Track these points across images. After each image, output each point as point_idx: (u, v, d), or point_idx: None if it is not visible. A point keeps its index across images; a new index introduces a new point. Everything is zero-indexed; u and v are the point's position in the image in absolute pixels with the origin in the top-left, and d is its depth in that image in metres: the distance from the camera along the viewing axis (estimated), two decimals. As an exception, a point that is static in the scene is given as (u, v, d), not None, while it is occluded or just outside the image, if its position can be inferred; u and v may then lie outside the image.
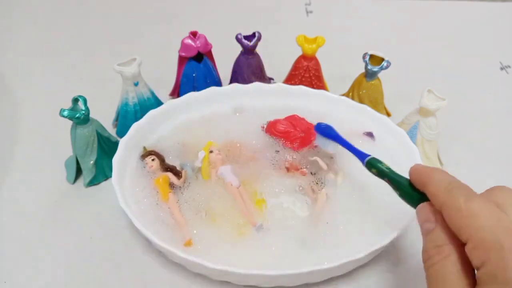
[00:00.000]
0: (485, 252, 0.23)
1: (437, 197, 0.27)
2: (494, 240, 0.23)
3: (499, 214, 0.24)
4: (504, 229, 0.23)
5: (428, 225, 0.27)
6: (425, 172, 0.29)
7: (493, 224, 0.24)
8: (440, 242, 0.26)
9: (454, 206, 0.25)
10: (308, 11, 0.77)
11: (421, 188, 0.29)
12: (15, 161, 0.49)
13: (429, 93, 0.44)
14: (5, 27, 0.72)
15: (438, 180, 0.28)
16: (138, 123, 0.45)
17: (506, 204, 0.25)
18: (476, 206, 0.25)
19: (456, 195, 0.26)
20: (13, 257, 0.40)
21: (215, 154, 0.43)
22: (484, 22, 0.76)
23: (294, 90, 0.50)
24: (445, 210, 0.26)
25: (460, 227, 0.25)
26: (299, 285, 0.36)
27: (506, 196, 0.26)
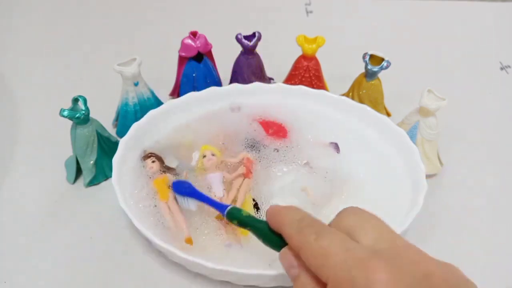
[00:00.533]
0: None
1: (291, 239, 0.27)
2: (347, 277, 0.23)
3: (348, 245, 0.24)
4: (354, 261, 0.23)
5: (293, 271, 0.27)
6: (278, 212, 0.29)
7: (344, 259, 0.23)
8: (307, 286, 0.25)
9: (307, 246, 0.25)
10: (308, 11, 0.77)
11: (278, 231, 0.29)
12: (15, 161, 0.49)
13: (429, 93, 0.44)
14: (5, 27, 0.72)
15: (290, 220, 0.27)
16: (138, 123, 0.45)
17: (356, 227, 0.25)
18: (325, 243, 0.24)
19: (307, 234, 0.26)
20: (13, 257, 0.40)
21: (207, 160, 0.43)
22: (484, 22, 0.76)
23: (294, 90, 0.50)
24: (300, 251, 0.26)
25: (317, 268, 0.25)
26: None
27: (354, 220, 0.26)
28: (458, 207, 0.45)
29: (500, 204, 0.46)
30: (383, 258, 0.23)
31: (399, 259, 0.23)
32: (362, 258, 0.23)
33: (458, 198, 0.46)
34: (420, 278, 0.22)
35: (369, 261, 0.23)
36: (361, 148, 0.46)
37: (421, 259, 0.24)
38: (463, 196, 0.46)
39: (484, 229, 0.43)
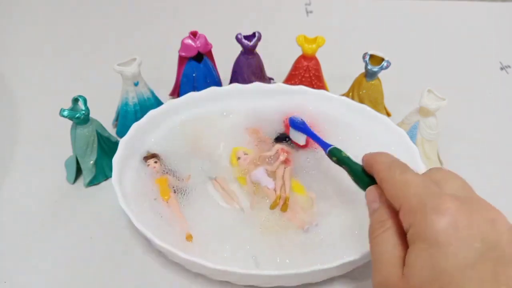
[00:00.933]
0: (412, 214, 0.25)
1: (379, 173, 0.30)
2: (419, 203, 0.25)
3: (428, 183, 0.26)
4: (430, 193, 0.25)
5: (374, 205, 0.29)
6: (373, 155, 0.32)
7: (421, 191, 0.26)
8: (383, 218, 0.28)
9: (391, 178, 0.28)
10: (308, 11, 0.77)
11: (369, 169, 0.31)
12: (15, 161, 0.49)
13: (429, 93, 0.44)
14: (5, 27, 0.72)
15: (382, 160, 0.30)
16: (138, 123, 0.45)
17: (440, 180, 0.27)
18: (408, 177, 0.27)
19: (393, 169, 0.28)
20: (13, 257, 0.40)
21: (242, 160, 0.43)
22: (484, 22, 0.76)
23: (294, 90, 0.50)
24: (384, 183, 0.29)
25: (394, 196, 0.27)
26: (299, 285, 0.36)
27: (441, 175, 0.28)
28: (458, 207, 0.45)
29: (500, 204, 0.45)
30: (457, 198, 0.25)
31: (472, 203, 0.25)
32: (437, 192, 0.25)
33: (458, 198, 0.46)
34: (487, 221, 0.24)
35: (443, 195, 0.25)
36: (361, 148, 0.46)
37: (493, 210, 0.25)
38: (463, 196, 0.46)
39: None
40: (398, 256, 0.25)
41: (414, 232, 0.24)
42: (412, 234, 0.25)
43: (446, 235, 0.23)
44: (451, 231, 0.23)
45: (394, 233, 0.26)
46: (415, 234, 0.24)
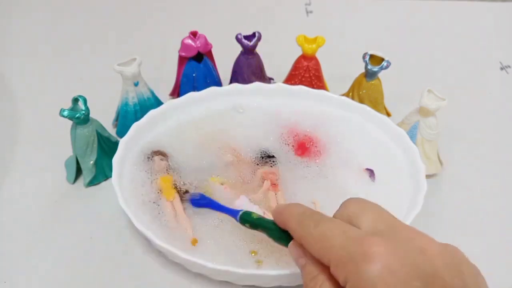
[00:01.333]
0: (343, 268, 0.24)
1: (294, 232, 0.28)
2: (346, 254, 0.24)
3: (344, 227, 0.25)
4: (351, 240, 0.24)
5: (301, 261, 0.28)
6: (283, 209, 0.30)
7: (342, 240, 0.25)
8: (314, 274, 0.26)
9: (308, 235, 0.27)
10: (308, 11, 0.77)
11: (284, 227, 0.30)
12: (15, 161, 0.49)
13: (429, 93, 0.44)
14: (5, 27, 0.72)
15: (293, 215, 0.29)
16: (138, 123, 0.45)
17: (356, 214, 0.27)
18: (324, 228, 0.26)
19: (307, 224, 0.27)
20: (13, 257, 0.40)
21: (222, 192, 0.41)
22: (484, 22, 0.76)
23: (294, 90, 0.50)
24: (303, 241, 0.27)
25: (319, 253, 0.26)
26: (299, 285, 0.36)
27: (355, 207, 0.27)
28: (458, 207, 0.45)
29: (500, 204, 0.46)
30: (379, 235, 0.24)
31: (395, 236, 0.24)
32: (359, 236, 0.24)
33: (458, 198, 0.46)
34: (417, 252, 0.23)
35: (366, 238, 0.24)
36: (361, 148, 0.46)
37: (417, 236, 0.25)
38: (463, 196, 0.46)
39: (485, 229, 0.43)
40: None
41: (352, 286, 0.23)
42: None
43: (383, 282, 0.22)
44: (387, 276, 0.22)
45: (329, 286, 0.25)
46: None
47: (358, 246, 0.23)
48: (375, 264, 0.22)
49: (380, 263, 0.22)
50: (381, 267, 0.22)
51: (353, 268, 0.23)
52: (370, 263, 0.22)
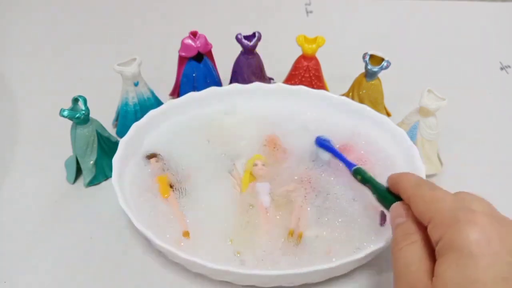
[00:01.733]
0: (443, 227, 0.25)
1: (407, 190, 0.30)
2: (451, 216, 0.25)
3: (459, 199, 0.27)
4: (462, 208, 0.26)
5: (399, 220, 0.30)
6: (400, 174, 0.33)
7: (453, 205, 0.26)
8: (409, 231, 0.28)
9: (420, 194, 0.29)
10: (308, 11, 0.77)
11: (395, 187, 0.32)
12: (15, 161, 0.49)
13: (429, 93, 0.44)
14: (5, 27, 0.72)
15: (409, 178, 0.31)
16: (138, 123, 0.45)
17: (468, 200, 0.28)
18: (438, 193, 0.28)
19: (423, 186, 0.29)
20: (13, 257, 0.40)
21: (258, 169, 0.43)
22: (484, 22, 0.76)
23: (294, 90, 0.50)
24: (412, 200, 0.29)
25: (424, 211, 0.27)
26: (299, 285, 0.36)
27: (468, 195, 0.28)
28: (458, 207, 0.45)
29: (500, 204, 0.45)
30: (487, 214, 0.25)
31: (499, 220, 0.26)
32: (470, 208, 0.26)
33: (458, 198, 0.46)
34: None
35: (475, 211, 0.25)
36: (361, 148, 0.46)
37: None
38: (463, 196, 0.46)
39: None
40: (425, 269, 0.26)
41: (445, 243, 0.25)
42: (442, 246, 0.25)
43: (479, 247, 0.23)
44: (484, 243, 0.23)
45: (421, 246, 0.27)
46: (446, 245, 0.25)
47: (466, 213, 0.25)
48: (477, 230, 0.24)
49: (481, 231, 0.24)
50: (481, 235, 0.24)
51: (453, 228, 0.24)
52: (473, 228, 0.24)
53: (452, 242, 0.24)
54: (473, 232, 0.24)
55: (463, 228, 0.24)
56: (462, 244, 0.24)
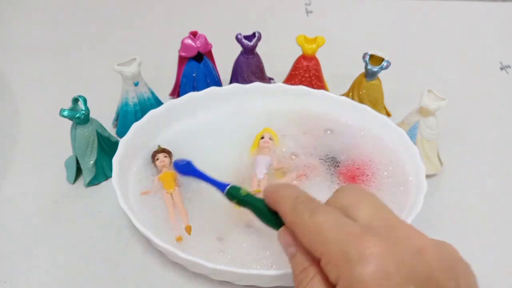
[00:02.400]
0: (336, 266, 0.23)
1: (286, 217, 0.27)
2: (340, 252, 0.23)
3: (341, 221, 0.24)
4: (347, 236, 0.23)
5: (290, 250, 0.27)
6: (275, 189, 0.29)
7: (337, 234, 0.23)
8: (304, 265, 0.25)
9: (301, 223, 0.25)
10: (308, 11, 0.77)
11: (274, 209, 0.28)
12: (15, 161, 0.49)
13: (429, 93, 0.44)
14: (5, 27, 0.72)
15: (286, 198, 0.27)
16: (138, 123, 0.45)
17: (352, 204, 0.25)
18: (319, 219, 0.24)
19: (301, 211, 0.26)
20: (13, 257, 0.40)
21: (263, 141, 0.45)
22: (484, 22, 0.76)
23: (294, 90, 0.50)
24: (295, 229, 0.26)
25: (311, 244, 0.25)
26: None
27: (352, 197, 0.26)
28: (458, 207, 0.45)
29: (500, 204, 0.46)
30: (376, 233, 0.23)
31: (392, 234, 0.24)
32: (355, 233, 0.23)
33: (458, 198, 0.46)
34: (413, 253, 0.22)
35: (362, 236, 0.23)
36: (361, 148, 0.46)
37: (415, 235, 0.24)
38: (463, 196, 0.46)
39: (484, 229, 0.43)
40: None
41: (344, 285, 0.22)
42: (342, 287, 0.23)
43: (378, 285, 0.21)
44: (381, 279, 0.21)
45: (320, 282, 0.24)
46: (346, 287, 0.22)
47: (354, 245, 0.22)
48: (369, 267, 0.21)
49: (375, 266, 0.22)
50: (375, 270, 0.21)
51: (346, 268, 0.22)
52: (365, 265, 0.22)
53: (351, 285, 0.22)
54: (367, 270, 0.21)
55: (355, 268, 0.22)
56: (361, 286, 0.21)
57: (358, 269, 0.22)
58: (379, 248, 0.22)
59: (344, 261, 0.22)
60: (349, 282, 0.22)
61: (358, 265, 0.22)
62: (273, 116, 0.49)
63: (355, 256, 0.22)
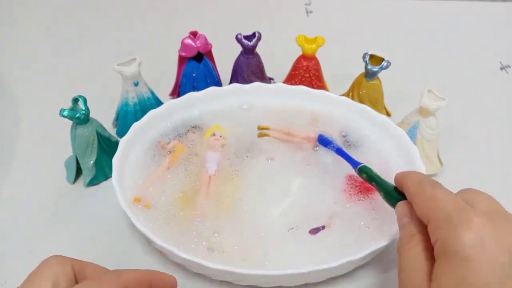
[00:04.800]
0: (439, 229, 0.25)
1: (409, 189, 0.30)
2: (447, 217, 0.25)
3: (457, 199, 0.27)
4: (457, 209, 0.26)
5: (404, 220, 0.30)
6: (405, 173, 0.33)
7: (449, 206, 0.26)
8: (412, 232, 0.28)
9: (421, 194, 0.29)
10: (308, 11, 0.77)
11: (400, 186, 0.32)
12: (15, 161, 0.49)
13: (429, 93, 0.44)
14: (5, 26, 0.72)
15: (413, 177, 0.31)
16: (138, 123, 0.45)
17: (472, 199, 0.28)
18: (438, 193, 0.28)
19: (424, 185, 0.29)
20: (13, 257, 0.40)
21: (213, 139, 0.46)
22: (484, 22, 0.76)
23: (294, 90, 0.50)
24: (414, 198, 0.29)
25: (424, 211, 0.28)
26: (299, 285, 0.36)
27: (474, 194, 0.28)
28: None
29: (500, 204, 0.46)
30: (484, 213, 0.25)
31: (498, 216, 0.25)
32: (466, 208, 0.26)
33: (458, 198, 0.46)
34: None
35: (471, 211, 0.25)
36: (361, 148, 0.46)
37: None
38: (463, 196, 0.46)
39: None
40: (425, 272, 0.26)
41: (440, 246, 0.25)
42: (438, 248, 0.25)
43: (472, 250, 0.23)
44: (477, 246, 0.23)
45: (422, 248, 0.27)
46: (441, 248, 0.25)
47: (461, 214, 0.25)
48: (470, 232, 0.23)
49: (475, 232, 0.23)
50: (474, 236, 0.23)
51: (448, 231, 0.24)
52: (467, 230, 0.24)
53: (446, 246, 0.24)
54: (466, 234, 0.23)
55: (456, 230, 0.24)
56: (455, 247, 0.23)
57: (459, 231, 0.24)
58: (482, 220, 0.24)
59: (448, 224, 0.25)
60: (447, 242, 0.24)
61: (459, 228, 0.24)
62: (273, 116, 0.49)
63: (459, 221, 0.24)
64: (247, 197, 0.41)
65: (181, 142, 0.45)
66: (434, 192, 0.28)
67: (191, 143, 0.45)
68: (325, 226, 0.38)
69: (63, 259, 0.29)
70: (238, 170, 0.43)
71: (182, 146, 0.45)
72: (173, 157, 0.44)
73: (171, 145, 0.45)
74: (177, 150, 0.45)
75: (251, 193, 0.41)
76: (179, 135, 0.46)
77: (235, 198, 0.41)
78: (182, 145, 0.45)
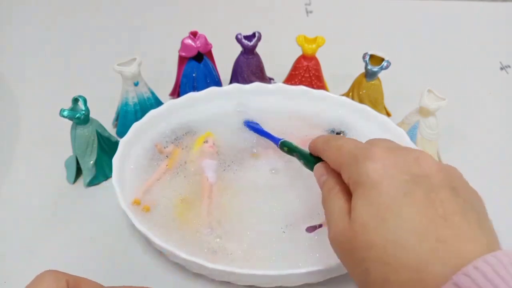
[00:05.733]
0: (348, 168, 0.28)
1: (320, 148, 0.33)
2: (351, 157, 0.28)
3: (359, 142, 0.30)
4: (360, 148, 0.29)
5: (323, 178, 0.32)
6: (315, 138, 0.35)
7: (353, 148, 0.29)
8: (331, 186, 0.30)
9: (330, 147, 0.32)
10: (308, 11, 0.77)
11: (313, 149, 0.35)
12: (15, 161, 0.49)
13: (429, 93, 0.44)
14: (5, 27, 0.72)
15: (320, 138, 0.34)
16: (138, 123, 0.45)
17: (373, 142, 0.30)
18: (342, 141, 0.31)
19: (331, 140, 0.33)
20: (13, 257, 0.40)
21: (207, 146, 0.45)
22: (484, 22, 0.76)
23: (294, 90, 0.50)
24: (325, 154, 0.32)
25: (334, 161, 0.31)
26: (299, 285, 0.36)
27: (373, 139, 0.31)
28: (458, 207, 0.45)
29: (500, 203, 0.46)
30: (384, 147, 0.28)
31: (396, 149, 0.28)
32: (367, 146, 0.29)
33: (458, 198, 0.46)
34: (411, 158, 0.27)
35: (371, 147, 0.28)
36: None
37: (415, 150, 0.28)
38: (463, 196, 0.46)
39: (484, 229, 0.43)
40: (346, 211, 0.28)
41: (353, 181, 0.27)
42: (351, 184, 0.28)
43: (377, 174, 0.26)
44: (381, 170, 0.26)
45: (341, 193, 0.29)
46: (354, 183, 0.27)
47: (363, 151, 0.28)
48: (374, 162, 0.27)
49: (378, 162, 0.26)
50: (377, 165, 0.26)
51: (356, 165, 0.27)
52: (370, 161, 0.27)
53: (357, 179, 0.27)
54: (371, 164, 0.26)
55: (362, 164, 0.27)
56: (363, 178, 0.26)
57: (363, 163, 0.27)
58: (382, 151, 0.27)
59: (354, 161, 0.28)
60: (357, 175, 0.27)
61: (364, 162, 0.27)
62: (273, 116, 0.49)
63: (363, 157, 0.27)
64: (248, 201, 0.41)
65: (178, 147, 0.45)
66: (339, 142, 0.31)
67: (188, 148, 0.45)
68: (322, 224, 0.38)
69: (58, 274, 0.29)
70: (236, 175, 0.43)
71: (179, 150, 0.45)
72: (171, 161, 0.44)
73: (168, 150, 0.45)
74: (174, 155, 0.44)
75: (252, 197, 0.41)
76: (177, 138, 0.46)
77: (236, 204, 0.40)
78: (179, 150, 0.45)
